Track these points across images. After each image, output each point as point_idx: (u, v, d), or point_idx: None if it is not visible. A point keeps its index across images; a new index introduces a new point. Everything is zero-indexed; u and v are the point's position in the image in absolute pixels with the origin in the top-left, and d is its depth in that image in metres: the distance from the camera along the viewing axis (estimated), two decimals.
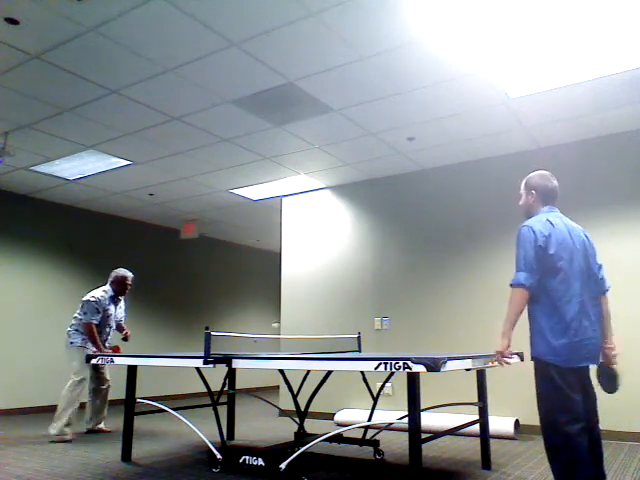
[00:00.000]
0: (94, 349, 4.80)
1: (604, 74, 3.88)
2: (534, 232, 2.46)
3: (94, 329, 4.81)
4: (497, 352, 2.51)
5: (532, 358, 2.50)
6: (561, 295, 2.42)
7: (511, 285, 2.47)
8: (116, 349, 5.03)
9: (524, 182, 2.75)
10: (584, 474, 2.27)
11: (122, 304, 5.23)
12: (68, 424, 4.65)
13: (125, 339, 5.18)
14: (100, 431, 5.06)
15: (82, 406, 4.91)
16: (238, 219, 8.41)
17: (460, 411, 4.42)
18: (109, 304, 4.99)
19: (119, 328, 5.20)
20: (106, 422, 5.16)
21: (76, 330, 4.91)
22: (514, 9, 3.15)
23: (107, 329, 5.01)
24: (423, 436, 2.71)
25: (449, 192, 5.75)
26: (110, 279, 5.08)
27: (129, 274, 5.10)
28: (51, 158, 5.59)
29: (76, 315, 4.96)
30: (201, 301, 9.37)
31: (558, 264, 2.43)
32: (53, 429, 4.63)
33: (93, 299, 4.87)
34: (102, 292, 4.97)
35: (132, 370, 4.02)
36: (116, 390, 5.38)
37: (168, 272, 8.75)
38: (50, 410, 6.77)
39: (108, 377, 5.14)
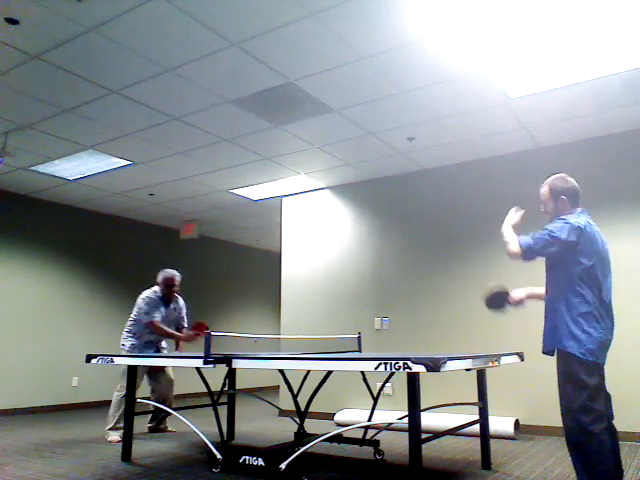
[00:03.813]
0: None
1: (604, 74, 3.88)
2: (570, 224, 2.49)
3: (159, 324, 4.80)
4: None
5: (557, 351, 2.49)
6: (594, 293, 2.46)
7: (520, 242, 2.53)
8: (200, 327, 4.77)
9: (547, 189, 2.70)
10: (607, 472, 2.30)
11: (179, 306, 5.12)
12: (114, 428, 4.68)
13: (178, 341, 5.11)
14: (164, 430, 5.12)
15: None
16: (238, 219, 8.40)
17: (460, 411, 4.42)
18: (157, 305, 4.94)
19: (178, 330, 5.13)
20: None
21: (127, 332, 4.92)
22: (514, 9, 3.15)
23: None
24: (423, 436, 2.71)
25: (449, 192, 5.75)
26: (158, 279, 5.05)
27: (172, 274, 5.00)
28: (51, 158, 5.59)
29: (130, 317, 4.98)
30: (201, 301, 9.36)
31: (591, 262, 2.48)
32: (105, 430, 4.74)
33: (147, 297, 4.91)
34: (151, 291, 4.98)
35: (132, 370, 4.02)
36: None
37: None
38: (50, 410, 6.78)
39: (170, 375, 5.09)
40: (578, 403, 2.37)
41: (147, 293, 4.95)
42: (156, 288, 5.02)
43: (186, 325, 5.21)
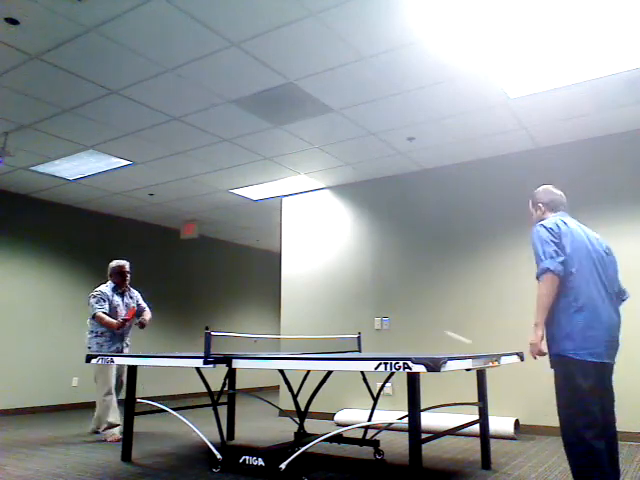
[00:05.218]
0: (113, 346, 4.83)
1: (604, 74, 3.88)
2: (547, 229, 2.50)
3: (103, 315, 4.77)
4: (531, 344, 2.46)
5: (554, 356, 2.46)
6: (588, 289, 2.42)
7: (537, 277, 2.44)
8: (131, 311, 4.94)
9: (530, 201, 2.84)
10: (600, 475, 2.28)
11: (134, 295, 5.16)
12: (110, 427, 4.69)
13: (142, 326, 5.06)
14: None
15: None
16: (238, 219, 8.41)
17: (460, 411, 4.42)
18: (113, 296, 4.95)
19: (138, 315, 5.13)
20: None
21: (90, 332, 4.88)
22: (514, 9, 3.15)
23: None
24: (423, 436, 2.71)
25: (449, 192, 5.75)
26: (108, 273, 5.07)
27: (123, 262, 5.08)
28: (51, 158, 5.59)
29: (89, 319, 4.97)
30: (201, 301, 9.36)
31: (575, 260, 2.45)
32: (100, 430, 4.75)
33: (95, 292, 4.91)
34: (104, 286, 4.99)
35: (132, 370, 4.02)
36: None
37: (168, 272, 8.75)
38: (49, 410, 6.78)
39: (124, 377, 4.96)
40: (573, 406, 2.35)
41: (97, 288, 4.96)
42: (108, 282, 5.03)
43: (149, 314, 5.21)
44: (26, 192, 6.85)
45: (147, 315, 5.19)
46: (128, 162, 5.73)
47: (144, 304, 5.26)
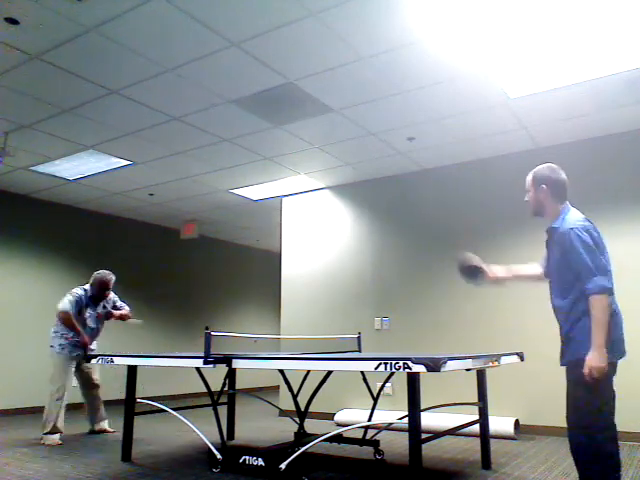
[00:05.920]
0: (75, 350, 4.72)
1: (604, 74, 3.88)
2: (592, 237, 2.32)
3: (71, 317, 4.65)
4: (594, 367, 2.20)
5: (579, 360, 2.28)
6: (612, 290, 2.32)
7: (593, 293, 2.21)
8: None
9: (531, 176, 2.57)
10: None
11: (109, 302, 5.02)
12: (51, 432, 4.53)
13: (123, 318, 5.03)
14: (104, 431, 5.02)
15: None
16: (238, 219, 8.40)
17: (460, 411, 4.42)
18: (86, 304, 4.82)
19: (115, 311, 5.05)
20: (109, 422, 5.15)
21: (55, 332, 4.77)
22: (514, 9, 3.15)
23: (84, 329, 4.81)
24: (423, 436, 2.71)
25: (449, 192, 5.75)
26: (91, 280, 4.89)
27: (109, 277, 4.88)
28: (51, 158, 5.59)
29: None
30: (201, 301, 9.36)
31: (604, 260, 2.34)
32: (42, 432, 4.59)
33: (75, 294, 4.77)
34: (82, 290, 4.84)
35: (132, 370, 4.02)
36: (117, 390, 5.38)
37: (168, 272, 8.74)
38: None
39: (96, 377, 4.96)
40: (598, 407, 2.25)
41: (75, 291, 4.81)
42: (87, 287, 4.88)
43: (126, 309, 5.13)
44: (26, 192, 6.85)
45: (125, 310, 5.11)
46: (128, 162, 5.73)
47: (120, 302, 5.14)
